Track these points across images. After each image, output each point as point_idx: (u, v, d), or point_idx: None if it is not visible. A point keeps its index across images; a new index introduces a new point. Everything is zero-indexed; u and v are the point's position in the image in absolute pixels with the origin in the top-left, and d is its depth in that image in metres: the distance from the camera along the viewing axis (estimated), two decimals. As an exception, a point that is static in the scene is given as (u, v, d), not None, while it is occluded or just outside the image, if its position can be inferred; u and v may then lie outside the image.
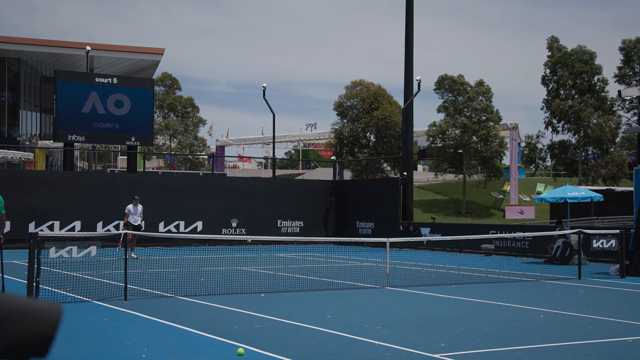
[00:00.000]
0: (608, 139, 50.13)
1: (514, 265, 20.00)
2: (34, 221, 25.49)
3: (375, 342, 8.54)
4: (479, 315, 10.77)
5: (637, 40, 51.91)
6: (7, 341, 1.41)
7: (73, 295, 12.22)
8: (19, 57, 43.35)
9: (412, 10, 31.19)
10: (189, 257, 21.45)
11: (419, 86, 31.26)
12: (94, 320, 10.00)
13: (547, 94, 52.15)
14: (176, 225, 28.07)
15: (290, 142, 79.81)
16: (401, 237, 22.42)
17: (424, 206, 49.08)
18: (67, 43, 41.77)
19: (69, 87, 27.53)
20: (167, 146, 60.43)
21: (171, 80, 62.00)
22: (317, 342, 8.59)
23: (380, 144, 53.91)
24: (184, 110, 60.46)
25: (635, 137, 36.81)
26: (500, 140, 51.49)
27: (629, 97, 24.79)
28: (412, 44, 31.35)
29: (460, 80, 51.32)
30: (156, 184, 28.72)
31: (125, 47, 43.38)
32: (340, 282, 15.23)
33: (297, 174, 72.25)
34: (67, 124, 27.41)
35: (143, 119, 28.86)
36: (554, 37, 52.36)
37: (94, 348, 8.15)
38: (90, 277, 14.76)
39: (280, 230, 30.27)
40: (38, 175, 28.93)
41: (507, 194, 55.59)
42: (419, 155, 61.89)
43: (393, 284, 14.69)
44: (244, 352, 7.79)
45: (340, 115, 55.44)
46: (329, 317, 10.45)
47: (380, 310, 11.26)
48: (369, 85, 55.52)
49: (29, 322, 1.43)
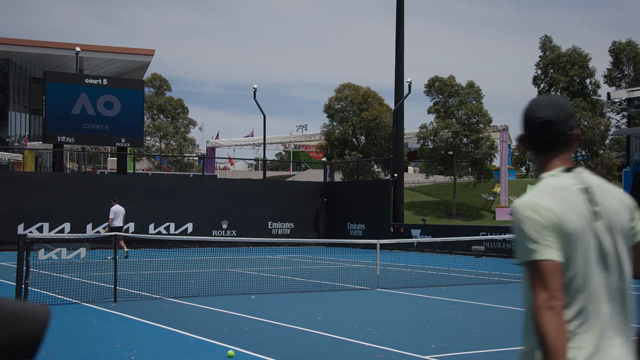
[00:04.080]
0: (598, 141, 50.41)
1: (504, 266, 20.06)
2: (23, 223, 25.34)
3: (366, 343, 8.54)
4: (469, 317, 10.79)
5: (627, 43, 52.16)
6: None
7: (62, 298, 12.17)
8: (7, 58, 43.13)
9: (403, 12, 31.27)
10: (179, 259, 21.40)
11: (409, 88, 31.33)
12: (83, 323, 9.96)
13: (538, 95, 52.34)
14: (166, 227, 27.98)
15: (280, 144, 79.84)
16: (392, 239, 22.45)
17: (415, 208, 49.19)
18: (57, 44, 41.58)
19: (59, 88, 27.41)
20: (156, 147, 60.28)
21: (160, 81, 61.83)
22: (308, 344, 8.58)
23: (371, 145, 53.97)
24: (174, 112, 60.33)
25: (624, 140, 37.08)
26: (491, 142, 51.67)
27: (618, 99, 24.93)
28: (402, 45, 31.41)
29: (451, 82, 51.47)
30: (146, 185, 28.63)
31: (115, 49, 43.21)
32: (331, 284, 15.23)
33: (287, 175, 72.23)
34: (56, 125, 27.29)
35: (133, 120, 28.77)
36: (547, 36, 52.44)
37: (83, 350, 8.11)
38: (80, 279, 14.70)
39: (271, 231, 30.24)
40: (27, 176, 28.80)
41: (498, 195, 55.79)
42: (410, 156, 61.99)
43: (383, 285, 14.70)
44: (234, 354, 7.77)
45: (330, 117, 55.51)
46: (320, 319, 10.45)
47: (370, 312, 11.27)
48: (357, 87, 55.61)
49: (17, 324, 1.42)
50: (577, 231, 2.45)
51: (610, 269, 2.48)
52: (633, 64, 52.08)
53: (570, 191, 2.51)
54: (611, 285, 2.47)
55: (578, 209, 2.47)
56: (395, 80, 31.39)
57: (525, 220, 2.50)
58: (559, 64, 50.81)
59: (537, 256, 2.40)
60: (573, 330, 2.40)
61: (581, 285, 2.43)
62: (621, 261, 2.50)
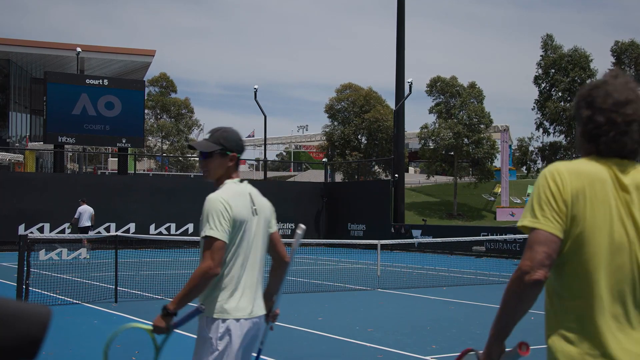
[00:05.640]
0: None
1: (505, 267, 20.05)
2: (24, 223, 25.34)
3: (367, 344, 8.54)
4: (469, 317, 10.79)
5: (629, 43, 52.09)
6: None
7: (63, 298, 12.17)
8: (8, 58, 43.16)
9: (404, 12, 31.24)
10: (180, 260, 21.38)
11: (410, 88, 31.31)
12: (84, 323, 9.96)
13: (539, 95, 52.28)
14: (167, 228, 27.98)
15: (282, 144, 79.82)
16: (392, 239, 22.44)
17: (416, 208, 49.17)
18: (58, 44, 41.60)
19: (60, 89, 27.42)
20: (158, 148, 60.27)
21: (167, 82, 61.76)
22: (309, 344, 8.58)
23: (372, 146, 53.99)
24: (177, 112, 60.29)
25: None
26: (492, 142, 51.66)
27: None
28: (403, 45, 31.39)
29: (452, 83, 51.45)
30: (147, 185, 28.63)
31: (116, 49, 43.23)
32: (332, 284, 15.23)
33: (288, 175, 72.23)
34: (57, 126, 27.30)
35: (134, 120, 28.78)
36: (549, 35, 52.35)
37: (84, 350, 8.12)
38: (80, 279, 14.70)
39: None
40: (28, 177, 28.81)
41: (498, 196, 55.75)
42: (410, 157, 61.99)
43: (384, 286, 14.70)
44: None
45: (331, 118, 55.52)
46: (320, 319, 10.45)
47: (371, 312, 11.27)
48: (358, 88, 55.62)
49: (18, 324, 1.42)
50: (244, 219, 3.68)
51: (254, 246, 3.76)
52: (635, 64, 52.04)
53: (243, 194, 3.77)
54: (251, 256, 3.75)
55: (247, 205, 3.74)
56: (396, 81, 31.37)
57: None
58: (561, 64, 50.78)
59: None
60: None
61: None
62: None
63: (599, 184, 2.32)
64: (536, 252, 2.28)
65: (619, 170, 2.36)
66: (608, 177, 2.34)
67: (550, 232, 2.29)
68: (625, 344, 2.29)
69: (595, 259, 2.30)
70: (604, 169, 2.35)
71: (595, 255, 2.30)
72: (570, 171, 2.34)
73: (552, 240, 2.29)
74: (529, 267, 2.28)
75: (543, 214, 2.31)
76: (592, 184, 2.32)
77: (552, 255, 2.29)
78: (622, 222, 2.32)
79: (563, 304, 2.39)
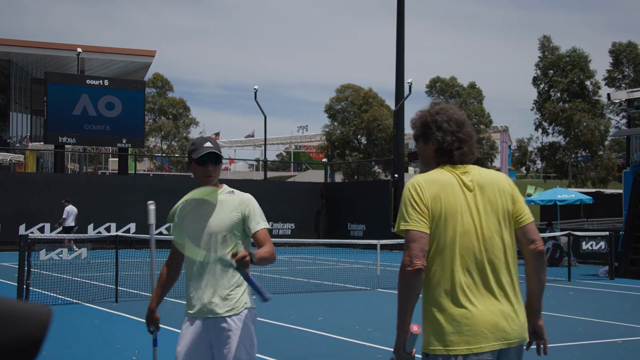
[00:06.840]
0: (598, 141, 50.36)
1: (505, 267, 20.03)
2: (24, 223, 25.36)
3: (367, 344, 8.55)
4: (469, 317, 10.79)
5: (627, 44, 52.09)
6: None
7: (63, 298, 12.19)
8: (8, 58, 43.16)
9: (403, 12, 31.23)
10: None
11: (410, 89, 31.31)
12: (85, 323, 9.97)
13: (538, 95, 52.28)
14: (167, 228, 27.94)
15: (281, 144, 79.81)
16: (392, 239, 22.42)
17: (415, 208, 49.18)
18: (58, 45, 41.60)
19: (60, 89, 27.45)
20: (158, 148, 60.27)
21: (162, 82, 61.79)
22: (308, 344, 8.60)
23: (372, 146, 53.98)
24: (175, 112, 60.30)
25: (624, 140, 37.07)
26: (492, 142, 51.65)
27: (618, 100, 24.89)
28: (403, 46, 31.37)
29: (452, 83, 51.43)
30: (147, 186, 28.63)
31: (116, 49, 43.22)
32: (331, 284, 15.25)
33: (288, 176, 72.21)
34: (57, 126, 27.32)
35: (134, 120, 28.80)
36: (546, 36, 52.38)
37: (85, 350, 8.13)
38: (81, 279, 14.72)
39: (271, 232, 30.15)
40: (28, 177, 28.82)
41: (498, 196, 55.66)
42: (410, 157, 61.92)
43: (384, 285, 14.70)
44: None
45: (331, 118, 55.50)
46: (320, 319, 10.47)
47: (371, 312, 11.28)
48: (358, 88, 55.61)
49: (18, 324, 1.43)
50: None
51: None
52: (633, 65, 52.05)
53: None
54: None
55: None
56: (396, 81, 31.37)
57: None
58: (559, 65, 50.77)
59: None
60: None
61: None
62: None
63: (450, 188, 2.98)
64: (412, 248, 2.86)
65: (461, 174, 3.03)
66: (455, 181, 3.00)
67: (419, 231, 2.89)
68: (475, 303, 2.92)
69: (451, 243, 2.92)
70: (451, 175, 3.02)
71: (451, 241, 2.92)
72: (427, 181, 2.99)
73: (422, 237, 2.89)
74: (409, 261, 2.85)
75: (412, 217, 2.91)
76: (444, 188, 2.96)
77: (424, 248, 2.88)
78: (470, 214, 2.95)
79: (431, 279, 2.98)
